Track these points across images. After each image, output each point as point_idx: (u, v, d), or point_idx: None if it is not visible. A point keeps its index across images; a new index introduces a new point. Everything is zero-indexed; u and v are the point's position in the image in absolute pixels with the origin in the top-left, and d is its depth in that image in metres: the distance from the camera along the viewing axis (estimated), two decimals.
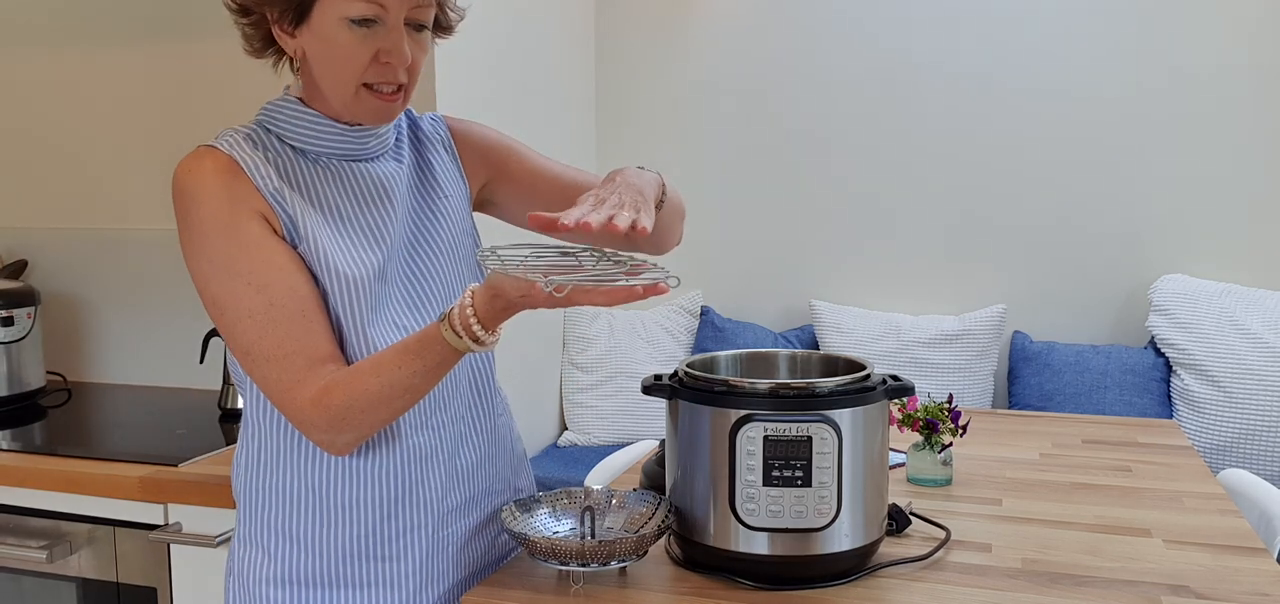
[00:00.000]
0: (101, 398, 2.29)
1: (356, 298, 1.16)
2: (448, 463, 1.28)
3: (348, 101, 1.16)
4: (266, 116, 1.20)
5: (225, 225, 1.11)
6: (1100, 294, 3.20)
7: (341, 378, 1.10)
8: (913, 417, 1.69)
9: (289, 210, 1.15)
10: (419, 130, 1.33)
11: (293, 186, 1.16)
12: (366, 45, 1.13)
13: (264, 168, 1.15)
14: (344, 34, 1.12)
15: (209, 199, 1.11)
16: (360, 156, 1.22)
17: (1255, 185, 3.05)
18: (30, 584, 1.78)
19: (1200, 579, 1.26)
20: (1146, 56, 3.09)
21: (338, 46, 1.12)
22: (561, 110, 3.29)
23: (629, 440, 3.27)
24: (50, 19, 2.47)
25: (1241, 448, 2.83)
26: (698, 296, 3.48)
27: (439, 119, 1.36)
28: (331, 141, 1.19)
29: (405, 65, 1.15)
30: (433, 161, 1.31)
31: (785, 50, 3.37)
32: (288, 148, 1.19)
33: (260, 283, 1.10)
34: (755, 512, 1.20)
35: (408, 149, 1.29)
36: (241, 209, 1.12)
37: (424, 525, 1.25)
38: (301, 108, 1.19)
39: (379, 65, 1.14)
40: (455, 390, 1.28)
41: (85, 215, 2.49)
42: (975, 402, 3.13)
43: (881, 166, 3.33)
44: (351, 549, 1.21)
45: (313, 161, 1.20)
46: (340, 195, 1.19)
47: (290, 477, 1.20)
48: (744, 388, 1.21)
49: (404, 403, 1.11)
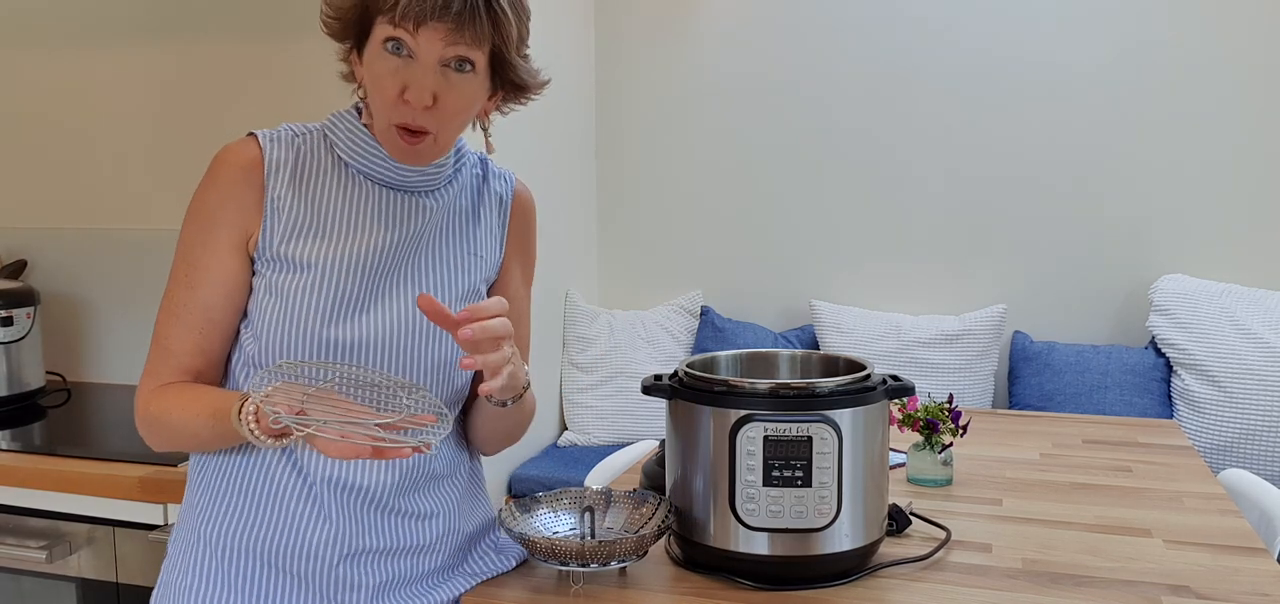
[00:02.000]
0: (101, 398, 2.29)
1: (321, 298, 1.17)
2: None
3: (384, 136, 1.17)
4: (328, 123, 1.24)
5: (203, 219, 1.19)
6: (1100, 294, 3.20)
7: (172, 391, 1.16)
8: (913, 417, 1.69)
9: (283, 214, 1.18)
10: (486, 185, 1.31)
11: (306, 193, 1.20)
12: (396, 77, 1.11)
13: (285, 171, 1.19)
14: (381, 62, 1.12)
15: (210, 189, 1.19)
16: (397, 186, 1.22)
17: (1255, 185, 3.05)
18: (30, 584, 1.78)
19: (1200, 579, 1.26)
20: (1147, 56, 3.09)
21: (375, 75, 1.13)
22: (561, 110, 3.29)
23: (629, 440, 3.27)
24: (50, 19, 2.47)
25: (1241, 448, 2.83)
26: (698, 297, 3.48)
27: (510, 181, 1.34)
28: (374, 164, 1.21)
29: (422, 106, 1.11)
30: (483, 218, 1.30)
31: (785, 50, 3.37)
32: (332, 156, 1.22)
33: (191, 281, 1.18)
34: (755, 512, 1.20)
35: (465, 195, 1.28)
36: (225, 214, 1.18)
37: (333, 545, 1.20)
38: (358, 125, 1.21)
39: (402, 103, 1.12)
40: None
41: (85, 215, 2.49)
42: (975, 402, 3.12)
43: (882, 167, 3.33)
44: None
45: (349, 175, 1.22)
46: (356, 211, 1.20)
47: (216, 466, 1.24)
48: (744, 388, 1.21)
49: (193, 445, 1.17)
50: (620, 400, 3.29)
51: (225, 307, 1.19)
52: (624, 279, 3.62)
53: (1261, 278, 3.06)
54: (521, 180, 1.37)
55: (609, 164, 3.59)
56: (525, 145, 3.00)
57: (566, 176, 3.34)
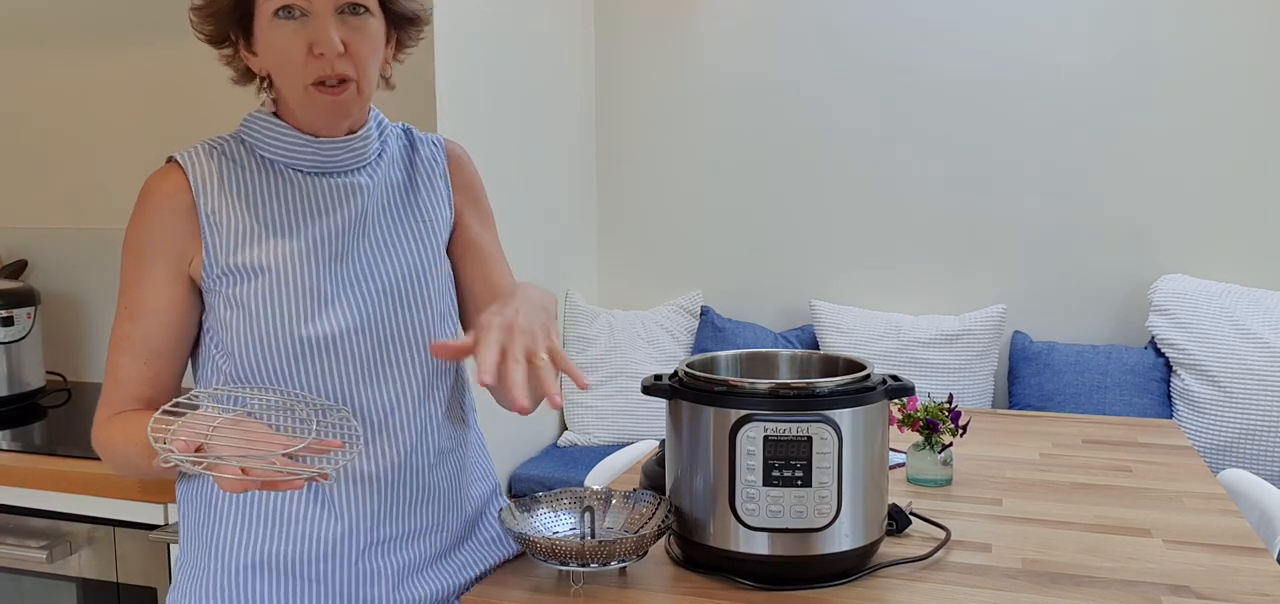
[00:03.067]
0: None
1: (285, 298, 1.17)
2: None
3: (303, 103, 1.17)
4: (244, 128, 1.24)
5: (137, 253, 1.19)
6: (1100, 294, 3.20)
7: (117, 421, 1.17)
8: (913, 417, 1.69)
9: (222, 227, 1.18)
10: (416, 152, 1.32)
11: (239, 200, 1.19)
12: (298, 39, 1.13)
13: (212, 185, 1.19)
14: (276, 32, 1.13)
15: (140, 223, 1.19)
16: (325, 171, 1.22)
17: (1255, 185, 3.05)
18: (30, 584, 1.78)
19: (1200, 579, 1.26)
20: (1147, 57, 3.09)
21: (275, 47, 1.14)
22: (562, 110, 3.29)
23: (629, 440, 3.27)
24: (50, 19, 2.47)
25: (1241, 448, 2.83)
26: (698, 297, 3.48)
27: (439, 143, 1.35)
28: (297, 154, 1.21)
29: (335, 53, 1.13)
30: (421, 185, 1.30)
31: (785, 50, 3.37)
32: (254, 158, 1.22)
33: (133, 314, 1.19)
34: (755, 512, 1.20)
35: (397, 168, 1.29)
36: (156, 244, 1.18)
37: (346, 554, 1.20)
38: (273, 121, 1.21)
39: (314, 59, 1.13)
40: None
41: (85, 215, 2.49)
42: (975, 402, 3.13)
43: (882, 166, 3.33)
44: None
45: (277, 172, 1.22)
46: (293, 205, 1.21)
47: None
48: (744, 388, 1.21)
49: (138, 472, 1.18)
50: (620, 400, 3.29)
51: (168, 336, 1.20)
52: (624, 279, 3.62)
53: (1261, 278, 3.06)
54: (450, 138, 1.38)
55: (609, 164, 3.59)
56: (525, 145, 3.00)
57: (566, 176, 3.34)
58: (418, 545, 1.25)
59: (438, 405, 1.27)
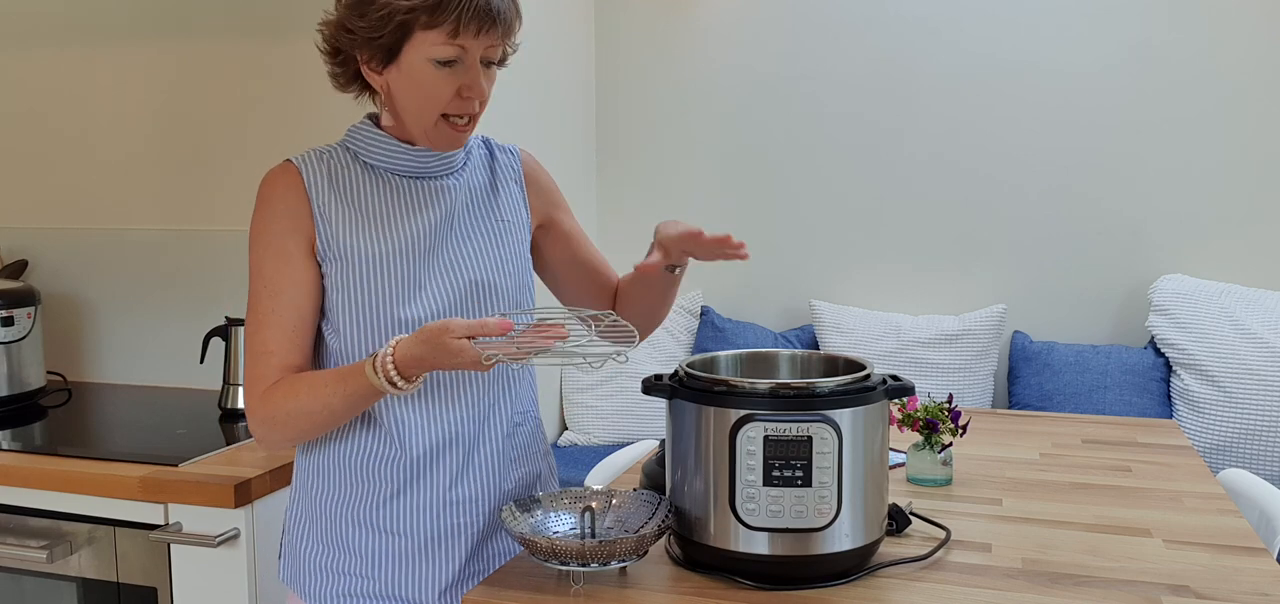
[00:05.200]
0: (101, 398, 2.29)
1: (385, 283, 1.32)
2: (463, 456, 1.37)
3: (428, 130, 1.32)
4: (349, 138, 1.39)
5: (269, 237, 1.32)
6: (1100, 294, 3.20)
7: (285, 384, 1.28)
8: (913, 417, 1.69)
9: (331, 219, 1.33)
10: (495, 160, 1.47)
11: (345, 196, 1.34)
12: (449, 83, 1.28)
13: (323, 182, 1.34)
14: (429, 73, 1.27)
15: (264, 210, 1.33)
16: (423, 174, 1.37)
17: (1255, 185, 3.05)
18: (30, 584, 1.78)
19: (1200, 579, 1.26)
20: (1147, 57, 3.09)
21: (423, 84, 1.28)
22: (562, 110, 3.29)
23: (629, 440, 3.27)
24: (52, 19, 2.47)
25: (1241, 448, 2.83)
26: (698, 297, 3.48)
27: (515, 152, 1.50)
28: (396, 159, 1.36)
29: (482, 100, 1.32)
30: (500, 189, 1.45)
31: (785, 50, 3.38)
32: (358, 163, 1.37)
33: (274, 290, 1.31)
34: (755, 512, 1.20)
35: (481, 171, 1.44)
36: (285, 225, 1.31)
37: (429, 507, 1.35)
38: (376, 132, 1.36)
39: (459, 99, 1.30)
40: (470, 389, 1.38)
41: (85, 215, 2.49)
42: (975, 402, 3.13)
43: (882, 167, 3.33)
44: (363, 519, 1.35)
45: (378, 175, 1.36)
46: (392, 204, 1.35)
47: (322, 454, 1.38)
48: (744, 388, 1.21)
49: (324, 420, 1.27)
50: (620, 400, 3.29)
51: (309, 304, 1.32)
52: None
53: (1261, 278, 3.06)
54: (522, 148, 1.53)
55: (609, 164, 3.59)
56: (525, 144, 3.00)
57: (566, 175, 3.34)
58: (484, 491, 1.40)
59: (505, 384, 1.43)
